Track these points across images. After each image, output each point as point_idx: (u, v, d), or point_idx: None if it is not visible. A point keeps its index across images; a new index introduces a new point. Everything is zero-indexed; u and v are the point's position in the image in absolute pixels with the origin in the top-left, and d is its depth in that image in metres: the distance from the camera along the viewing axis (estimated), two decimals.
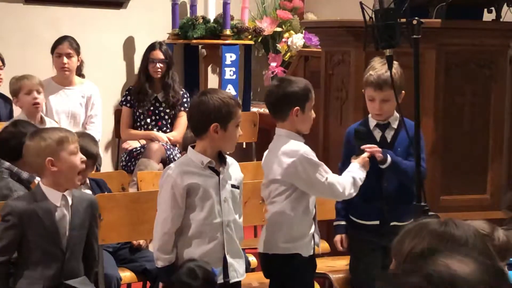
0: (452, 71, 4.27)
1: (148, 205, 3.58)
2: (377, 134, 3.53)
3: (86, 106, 5.39)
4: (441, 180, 4.25)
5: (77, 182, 3.20)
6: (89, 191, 3.76)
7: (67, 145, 3.14)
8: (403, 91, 3.48)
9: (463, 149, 4.30)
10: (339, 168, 3.52)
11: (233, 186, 3.13)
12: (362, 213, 3.52)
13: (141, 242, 3.96)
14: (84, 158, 3.21)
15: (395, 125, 3.52)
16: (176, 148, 5.51)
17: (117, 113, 5.88)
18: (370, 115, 3.58)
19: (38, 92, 4.78)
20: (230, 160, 3.17)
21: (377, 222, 3.47)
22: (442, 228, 1.68)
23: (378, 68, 3.41)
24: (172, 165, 3.14)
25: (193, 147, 3.12)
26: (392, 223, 3.39)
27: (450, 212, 3.98)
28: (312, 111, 3.30)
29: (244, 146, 6.14)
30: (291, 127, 3.26)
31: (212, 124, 3.02)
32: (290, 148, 3.24)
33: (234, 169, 3.18)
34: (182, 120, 5.56)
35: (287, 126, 3.27)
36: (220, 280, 3.06)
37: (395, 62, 3.31)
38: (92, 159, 3.73)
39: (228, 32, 6.41)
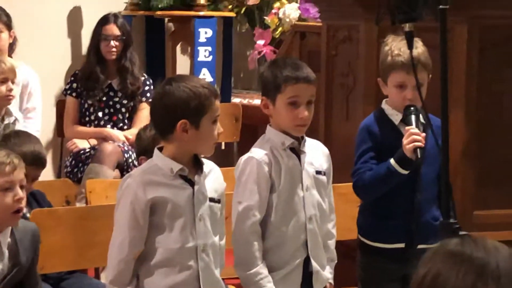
0: (488, 51, 4.30)
1: (100, 224, 3.59)
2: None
3: (21, 97, 5.36)
4: (475, 191, 4.28)
5: (14, 221, 3.15)
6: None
7: None
8: (429, 75, 3.50)
9: (502, 151, 4.33)
10: (359, 171, 3.51)
11: (211, 199, 3.13)
12: (383, 235, 3.53)
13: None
14: (21, 195, 3.16)
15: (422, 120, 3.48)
16: None
17: (60, 105, 5.87)
18: (387, 108, 3.55)
19: (13, 81, 4.78)
20: (208, 165, 3.16)
21: (402, 245, 3.50)
22: (456, 248, 1.68)
23: (402, 46, 3.41)
24: (132, 172, 3.13)
25: (160, 149, 3.11)
26: (418, 246, 3.42)
27: (487, 231, 4.01)
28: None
29: (223, 147, 6.14)
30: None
31: (179, 121, 3.01)
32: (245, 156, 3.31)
33: (214, 177, 3.17)
34: (144, 113, 5.56)
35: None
36: None
37: (417, 40, 3.30)
38: (43, 167, 3.71)
39: (202, 1, 6.41)
